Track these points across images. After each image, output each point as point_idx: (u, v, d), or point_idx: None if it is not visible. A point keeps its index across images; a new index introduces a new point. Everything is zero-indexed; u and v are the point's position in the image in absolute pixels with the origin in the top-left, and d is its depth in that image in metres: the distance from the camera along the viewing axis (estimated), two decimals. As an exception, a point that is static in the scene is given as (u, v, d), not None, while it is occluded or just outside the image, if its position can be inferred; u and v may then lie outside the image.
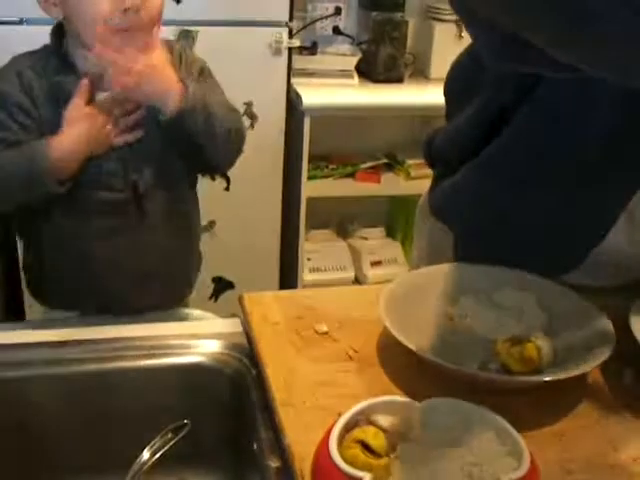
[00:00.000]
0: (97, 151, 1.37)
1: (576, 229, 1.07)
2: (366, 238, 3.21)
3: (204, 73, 1.50)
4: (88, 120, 1.34)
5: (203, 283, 2.73)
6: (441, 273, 1.11)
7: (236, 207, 2.68)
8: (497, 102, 1.08)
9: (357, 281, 3.11)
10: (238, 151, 1.49)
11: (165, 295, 1.51)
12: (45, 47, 1.40)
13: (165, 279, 1.49)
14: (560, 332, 1.01)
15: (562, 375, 0.88)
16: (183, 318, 1.43)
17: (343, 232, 3.23)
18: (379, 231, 3.25)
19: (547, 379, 0.89)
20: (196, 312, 1.45)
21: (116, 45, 1.27)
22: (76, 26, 1.33)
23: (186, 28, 2.44)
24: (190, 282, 1.58)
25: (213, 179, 2.62)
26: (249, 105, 2.58)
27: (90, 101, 1.36)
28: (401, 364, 0.96)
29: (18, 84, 1.34)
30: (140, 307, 1.45)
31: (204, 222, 2.61)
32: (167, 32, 2.40)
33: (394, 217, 3.26)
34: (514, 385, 0.93)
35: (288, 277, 2.92)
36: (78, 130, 1.34)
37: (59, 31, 1.38)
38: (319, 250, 3.09)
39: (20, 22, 2.08)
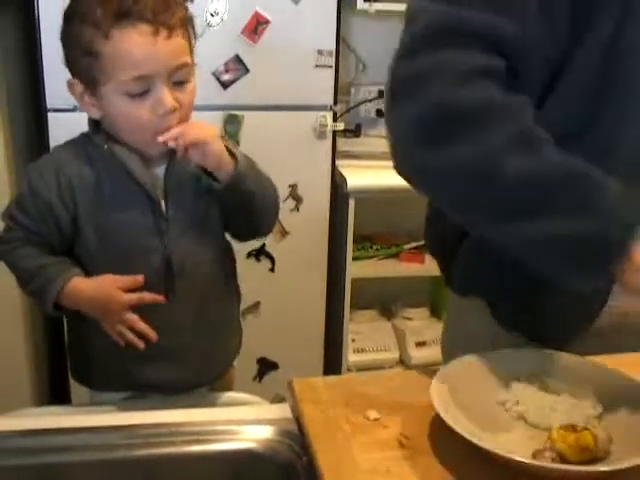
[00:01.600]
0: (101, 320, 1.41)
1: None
2: (410, 318, 3.19)
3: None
4: (112, 300, 1.38)
5: (247, 364, 2.74)
6: (491, 359, 1.09)
7: (281, 288, 2.69)
8: None
9: (401, 362, 3.08)
10: (277, 213, 1.55)
11: (204, 373, 1.52)
12: (84, 134, 1.43)
13: (202, 356, 1.50)
14: (616, 419, 0.99)
15: (621, 465, 0.86)
16: (230, 402, 1.42)
17: (387, 312, 3.22)
18: (423, 311, 3.24)
19: (605, 469, 0.87)
20: (242, 395, 1.44)
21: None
22: (116, 129, 1.36)
23: (233, 112, 2.49)
24: (229, 357, 1.58)
25: (258, 260, 2.65)
26: (294, 187, 2.61)
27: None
28: (454, 452, 0.94)
29: (55, 185, 1.37)
30: (179, 385, 1.46)
31: (249, 303, 2.63)
32: (214, 117, 2.46)
33: (438, 297, 3.24)
34: (570, 475, 0.91)
35: (332, 358, 2.90)
36: (98, 297, 1.38)
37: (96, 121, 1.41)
38: (363, 331, 3.07)
39: (74, 109, 2.14)
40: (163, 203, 1.39)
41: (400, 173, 1.09)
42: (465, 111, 1.02)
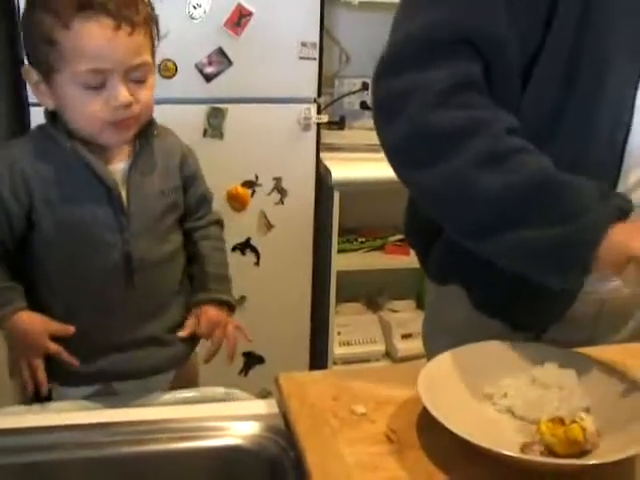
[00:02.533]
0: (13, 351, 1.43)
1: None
2: (396, 311, 3.19)
3: (198, 166, 1.57)
4: (37, 344, 1.40)
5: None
6: (479, 352, 1.09)
7: (266, 282, 2.68)
8: None
9: (387, 354, 3.08)
10: None
11: (163, 360, 1.53)
12: (40, 127, 1.42)
13: (161, 345, 1.51)
14: (604, 411, 0.98)
15: (610, 458, 0.86)
16: (217, 397, 1.42)
17: (373, 305, 3.22)
18: (409, 303, 3.23)
19: (594, 462, 0.87)
20: (229, 391, 1.43)
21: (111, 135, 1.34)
22: (67, 118, 1.35)
23: (216, 106, 2.48)
24: (187, 346, 1.58)
25: (243, 254, 2.64)
26: (279, 180, 2.60)
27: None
28: (442, 446, 0.94)
29: (8, 179, 1.36)
30: (137, 372, 1.48)
31: (234, 297, 2.62)
32: (197, 110, 2.45)
33: (424, 289, 3.23)
34: (560, 468, 0.90)
35: (318, 351, 2.90)
36: (28, 334, 1.39)
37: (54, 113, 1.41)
38: (349, 323, 3.07)
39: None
40: (125, 199, 1.39)
41: None
42: (438, 135, 1.05)
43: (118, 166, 1.40)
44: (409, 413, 1.01)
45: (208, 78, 2.45)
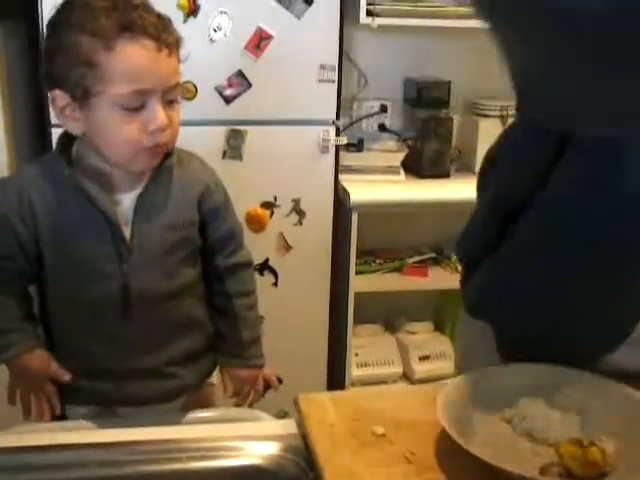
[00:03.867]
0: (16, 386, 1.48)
1: (617, 307, 1.06)
2: (414, 332, 3.19)
3: (225, 199, 1.56)
4: (38, 383, 1.46)
5: (251, 379, 2.73)
6: (497, 374, 1.09)
7: (284, 302, 2.69)
8: (508, 197, 1.08)
9: (405, 376, 3.07)
10: None
11: (167, 391, 1.54)
12: (51, 154, 1.43)
13: (166, 377, 1.52)
14: (623, 433, 0.98)
15: (629, 481, 0.86)
16: (235, 418, 1.42)
17: (391, 327, 3.22)
18: (427, 325, 3.23)
19: (613, 485, 0.87)
20: (248, 411, 1.44)
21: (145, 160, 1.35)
22: (98, 143, 1.35)
23: (235, 127, 2.50)
24: (197, 378, 1.59)
25: (262, 274, 2.65)
26: (297, 202, 2.61)
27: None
28: (460, 468, 0.94)
29: (17, 203, 1.38)
30: (146, 400, 1.50)
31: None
32: (217, 132, 2.47)
33: (442, 311, 3.24)
34: (579, 491, 0.90)
35: (336, 372, 2.90)
36: (31, 374, 1.45)
37: (68, 136, 1.41)
38: (366, 345, 3.07)
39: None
40: (128, 231, 1.39)
41: None
42: None
43: (127, 197, 1.40)
44: (428, 435, 1.01)
45: (228, 100, 2.47)
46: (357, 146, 2.96)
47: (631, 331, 1.08)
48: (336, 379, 2.89)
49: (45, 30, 1.35)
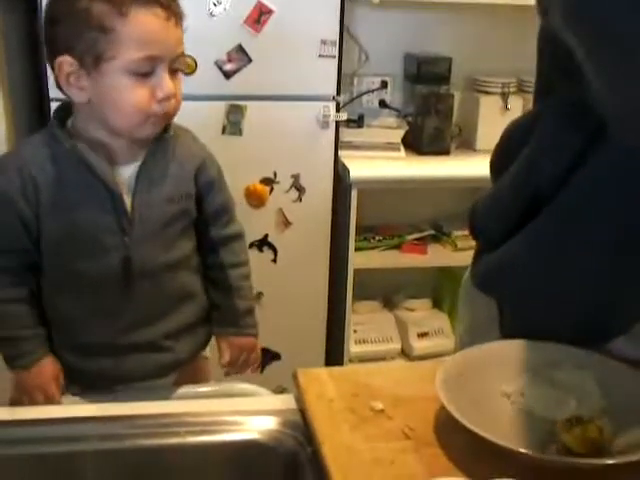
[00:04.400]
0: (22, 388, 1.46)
1: (624, 293, 1.07)
2: (412, 309, 3.19)
3: (218, 173, 1.56)
4: (44, 387, 1.44)
5: (250, 354, 2.74)
6: (497, 350, 1.09)
7: (283, 279, 2.69)
8: (544, 172, 1.08)
9: (403, 353, 3.08)
10: None
11: (164, 364, 1.55)
12: (48, 128, 1.42)
13: (164, 349, 1.53)
14: (621, 411, 0.98)
15: (628, 458, 0.86)
16: (234, 393, 1.42)
17: (389, 303, 3.22)
18: (425, 302, 3.23)
19: (612, 462, 0.87)
20: (247, 386, 1.44)
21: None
22: (103, 111, 1.35)
23: (235, 103, 2.49)
24: (193, 348, 1.60)
25: (261, 251, 2.65)
26: (297, 177, 2.61)
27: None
28: (459, 443, 0.94)
29: (19, 182, 1.37)
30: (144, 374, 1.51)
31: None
32: (217, 107, 2.46)
33: (440, 288, 3.24)
34: (577, 467, 0.90)
35: (334, 348, 2.91)
36: (38, 379, 1.43)
37: (65, 110, 1.42)
38: (365, 322, 3.08)
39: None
40: (128, 203, 1.39)
41: None
42: None
43: (127, 168, 1.40)
44: (427, 410, 1.01)
45: (227, 75, 2.46)
46: (357, 122, 2.94)
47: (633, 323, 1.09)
48: (334, 356, 2.90)
49: None
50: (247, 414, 1.07)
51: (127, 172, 1.40)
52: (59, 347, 1.47)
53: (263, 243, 2.65)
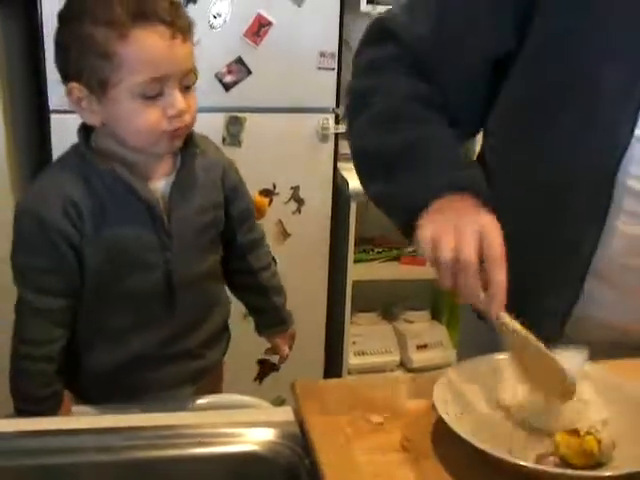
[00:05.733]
0: None
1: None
2: (411, 321, 3.19)
3: (239, 179, 1.58)
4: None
5: (248, 365, 2.74)
6: (495, 362, 1.09)
7: (282, 290, 2.69)
8: None
9: (402, 365, 3.08)
10: None
11: (193, 371, 1.54)
12: (75, 149, 1.40)
13: (194, 357, 1.53)
14: (620, 423, 0.98)
15: (624, 470, 0.86)
16: (231, 404, 1.42)
17: (388, 315, 3.22)
18: (424, 314, 3.23)
19: (609, 474, 0.87)
20: (246, 398, 1.44)
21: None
22: (118, 132, 1.34)
23: (235, 114, 2.49)
24: (218, 356, 1.61)
25: (259, 262, 2.65)
26: (296, 189, 2.61)
27: None
28: (457, 456, 0.94)
29: (61, 209, 1.33)
30: (175, 383, 1.51)
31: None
32: (216, 118, 2.46)
33: (439, 300, 3.24)
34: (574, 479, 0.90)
35: (333, 360, 2.90)
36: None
37: (87, 128, 1.39)
38: (364, 333, 3.08)
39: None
40: (165, 218, 1.39)
41: None
42: (353, 96, 1.26)
43: (159, 183, 1.39)
44: (425, 423, 1.01)
45: (227, 87, 2.47)
46: (356, 134, 2.94)
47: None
48: (333, 367, 2.89)
49: (57, 22, 1.32)
50: (245, 426, 1.07)
51: (160, 187, 1.39)
52: (98, 364, 1.45)
53: (262, 255, 2.65)
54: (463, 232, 0.99)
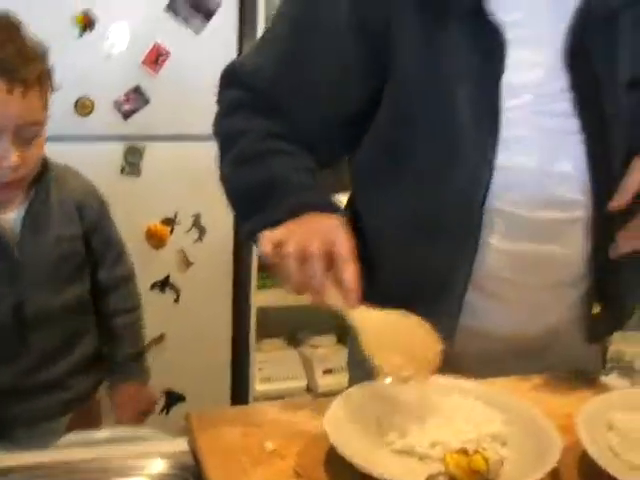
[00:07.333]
0: None
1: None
2: (317, 346, 3.19)
3: (103, 211, 1.58)
4: None
5: (153, 397, 2.70)
6: (388, 385, 1.10)
7: (186, 319, 2.67)
8: None
9: (309, 390, 3.08)
10: None
11: (56, 406, 1.52)
12: None
13: (57, 391, 1.51)
14: (509, 438, 1.01)
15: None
16: (129, 437, 1.40)
17: (294, 341, 3.23)
18: (330, 338, 3.24)
19: (494, 492, 0.89)
20: (142, 430, 1.41)
21: None
22: None
23: (133, 143, 2.47)
24: (85, 391, 1.59)
25: (162, 291, 2.62)
26: (197, 217, 2.60)
27: None
28: (349, 480, 0.95)
29: None
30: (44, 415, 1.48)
31: (154, 335, 2.59)
32: (115, 148, 2.44)
33: (344, 324, 3.24)
34: (463, 498, 0.92)
35: (239, 387, 2.89)
36: None
37: None
38: (270, 360, 3.07)
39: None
40: (16, 249, 1.37)
41: None
42: (217, 138, 1.29)
43: (10, 215, 1.38)
44: (317, 448, 1.02)
45: (126, 115, 2.44)
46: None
47: None
48: (240, 395, 2.88)
49: None
50: (137, 458, 1.06)
51: (11, 217, 1.37)
52: None
53: (165, 284, 2.62)
54: (309, 231, 1.04)
